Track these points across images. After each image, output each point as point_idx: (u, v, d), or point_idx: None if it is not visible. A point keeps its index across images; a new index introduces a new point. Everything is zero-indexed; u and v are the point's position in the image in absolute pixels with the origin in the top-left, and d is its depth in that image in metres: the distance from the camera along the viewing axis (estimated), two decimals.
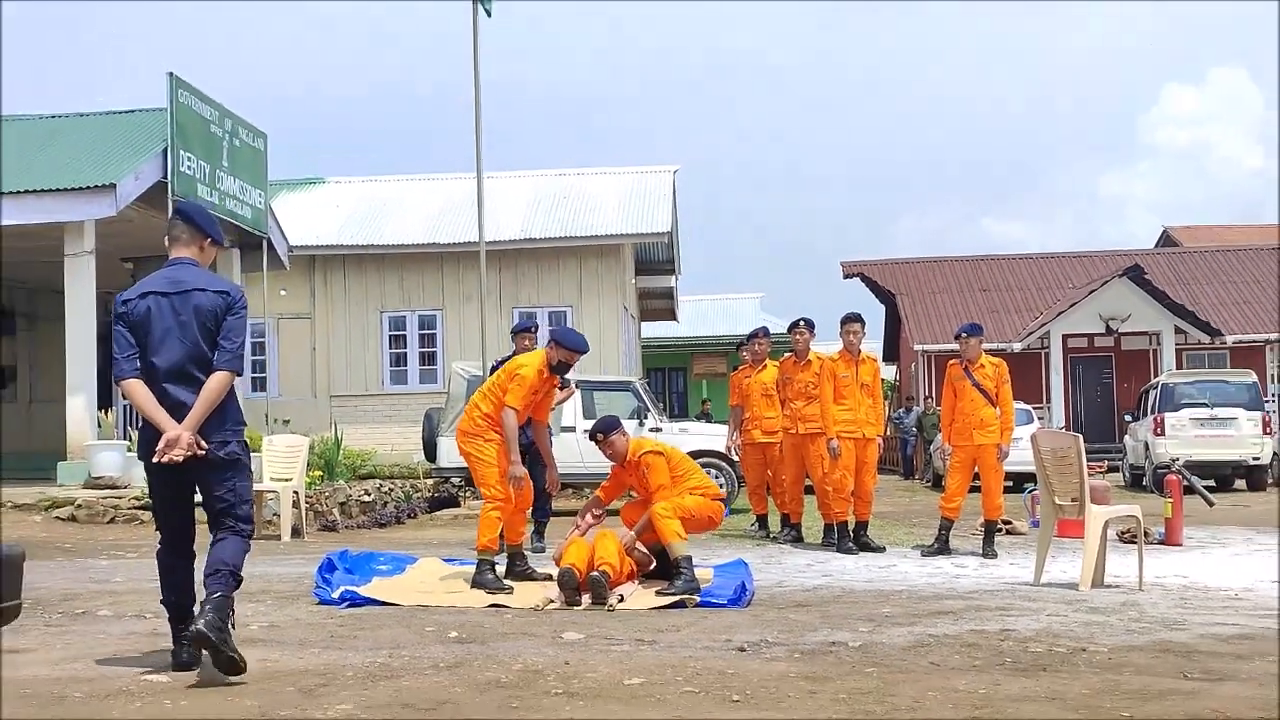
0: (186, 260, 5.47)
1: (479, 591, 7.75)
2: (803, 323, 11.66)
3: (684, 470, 8.40)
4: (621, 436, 8.34)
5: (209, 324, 5.29)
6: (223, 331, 5.30)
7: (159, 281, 5.41)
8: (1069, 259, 33.76)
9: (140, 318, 5.30)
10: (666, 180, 25.83)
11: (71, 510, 13.43)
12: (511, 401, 8.06)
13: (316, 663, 5.53)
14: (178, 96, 15.69)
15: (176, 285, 5.34)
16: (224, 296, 5.34)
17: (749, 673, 5.26)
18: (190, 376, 5.27)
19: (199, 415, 5.18)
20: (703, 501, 8.27)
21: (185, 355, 5.27)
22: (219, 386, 5.25)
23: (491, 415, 8.16)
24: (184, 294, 5.31)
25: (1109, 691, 4.88)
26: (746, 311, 38.35)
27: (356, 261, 23.69)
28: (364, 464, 18.16)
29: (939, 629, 6.44)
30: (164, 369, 5.27)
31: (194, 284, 5.35)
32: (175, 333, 5.27)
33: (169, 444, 5.12)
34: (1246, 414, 20.31)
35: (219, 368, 5.27)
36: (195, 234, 5.52)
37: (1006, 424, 10.52)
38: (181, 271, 5.42)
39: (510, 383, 8.15)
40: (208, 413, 5.21)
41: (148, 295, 5.35)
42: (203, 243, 5.54)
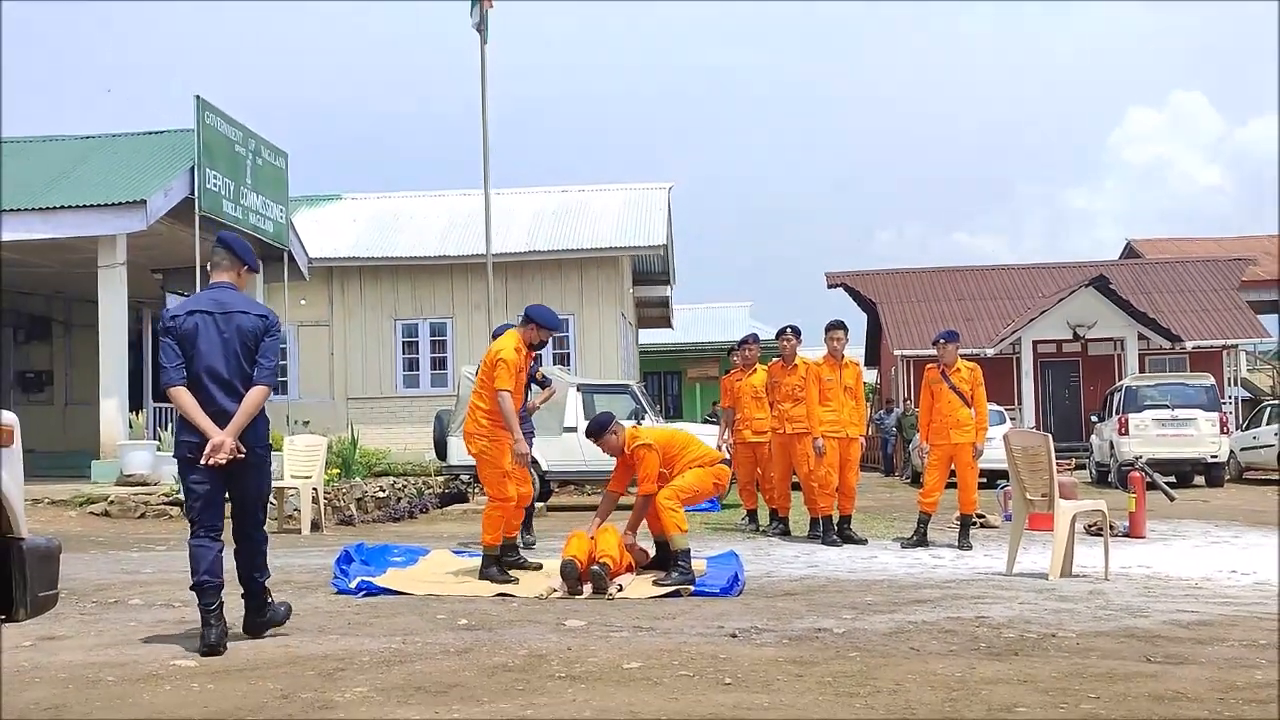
0: (227, 284, 5.80)
1: (487, 582, 7.74)
2: (790, 330, 11.67)
3: (678, 449, 8.22)
4: (613, 435, 8.17)
5: (249, 343, 5.61)
6: (261, 351, 5.64)
7: (204, 301, 5.72)
8: (1039, 269, 33.75)
9: (187, 332, 5.59)
10: (662, 196, 25.84)
11: (105, 506, 13.43)
12: (502, 385, 7.85)
13: (335, 648, 5.52)
14: (204, 118, 15.70)
15: (221, 306, 5.66)
16: (263, 320, 5.70)
17: (740, 657, 5.26)
18: (232, 387, 5.57)
19: (240, 424, 5.50)
20: (701, 473, 8.11)
21: (228, 368, 5.58)
22: (257, 399, 5.58)
23: (491, 411, 7.97)
24: (227, 314, 5.63)
25: (1077, 674, 4.88)
26: (737, 319, 38.33)
27: (372, 272, 23.69)
28: (379, 462, 18.13)
29: (918, 616, 6.43)
30: (209, 379, 5.56)
31: (236, 307, 5.68)
32: (219, 348, 5.58)
33: (214, 449, 5.42)
34: (1205, 415, 20.30)
35: (258, 382, 5.60)
36: (235, 262, 5.86)
37: (981, 424, 10.52)
38: (224, 294, 5.74)
39: (495, 370, 7.92)
40: (248, 422, 5.54)
41: (194, 313, 5.64)
42: (240, 269, 5.88)
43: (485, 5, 17.78)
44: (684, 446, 8.30)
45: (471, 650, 5.45)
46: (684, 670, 4.98)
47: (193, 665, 5.12)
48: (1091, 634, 5.85)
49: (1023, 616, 6.41)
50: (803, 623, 6.21)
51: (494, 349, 8.17)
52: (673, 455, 8.16)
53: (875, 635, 5.82)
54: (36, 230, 15.44)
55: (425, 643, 5.65)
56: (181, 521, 13.07)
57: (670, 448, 8.21)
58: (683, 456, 8.18)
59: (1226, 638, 5.74)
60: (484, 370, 8.15)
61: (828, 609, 6.72)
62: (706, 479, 8.15)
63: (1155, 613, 6.55)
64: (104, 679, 4.86)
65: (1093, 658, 5.24)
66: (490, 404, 7.97)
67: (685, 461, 8.15)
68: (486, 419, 8.02)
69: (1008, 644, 5.58)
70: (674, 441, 8.35)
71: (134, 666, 5.10)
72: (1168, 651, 5.38)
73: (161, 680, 4.84)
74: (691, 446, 8.35)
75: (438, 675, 4.91)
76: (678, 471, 8.08)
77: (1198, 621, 6.24)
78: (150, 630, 6.07)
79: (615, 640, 5.72)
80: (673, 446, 8.25)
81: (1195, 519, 13.29)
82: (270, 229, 17.78)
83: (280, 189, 18.28)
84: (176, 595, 7.31)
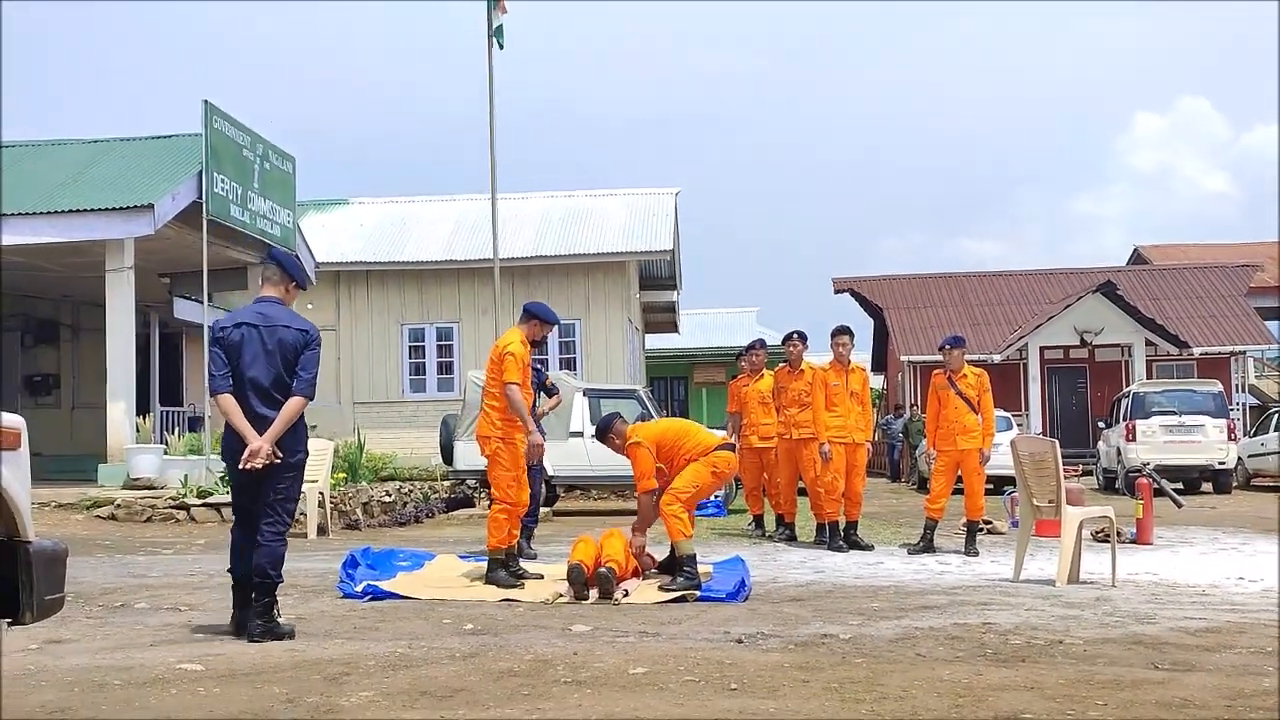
0: (274, 299, 6.14)
1: (493, 587, 7.74)
2: (796, 335, 11.66)
3: (672, 442, 7.97)
4: (615, 437, 8.03)
5: (290, 355, 5.96)
6: (300, 363, 5.98)
7: (250, 314, 6.08)
8: (1046, 275, 33.70)
9: (234, 343, 5.96)
10: (669, 201, 25.85)
11: (111, 509, 13.44)
12: (511, 378, 7.77)
13: (341, 652, 5.52)
14: (212, 122, 15.74)
15: (266, 320, 6.01)
16: (304, 334, 6.04)
17: (746, 663, 5.25)
18: (272, 396, 5.92)
19: (277, 431, 5.85)
20: (697, 467, 7.83)
21: (269, 378, 5.93)
22: (295, 409, 5.92)
23: (504, 409, 7.87)
24: (271, 328, 5.98)
25: (1084, 681, 4.87)
26: (743, 324, 38.29)
27: (379, 277, 23.73)
28: (385, 466, 18.16)
29: (924, 622, 6.42)
30: (250, 388, 5.92)
31: (280, 321, 6.03)
32: (263, 359, 5.93)
33: (252, 454, 5.79)
34: (1212, 421, 20.26)
35: (296, 393, 5.94)
36: (284, 277, 6.21)
37: (988, 430, 10.51)
38: (270, 308, 6.08)
39: (503, 364, 7.85)
40: (285, 430, 5.89)
41: (241, 325, 6.01)
42: (288, 285, 6.22)
43: (499, 10, 17.80)
44: (680, 438, 8.02)
45: (477, 655, 5.45)
46: (690, 676, 4.97)
47: (199, 669, 5.13)
48: (1098, 641, 5.84)
49: (1029, 623, 6.39)
50: (809, 628, 6.21)
51: (500, 344, 8.09)
52: (669, 449, 7.92)
53: (881, 641, 5.81)
54: (44, 234, 15.48)
55: (431, 647, 5.65)
56: (187, 526, 13.12)
57: (664, 441, 7.96)
58: (680, 450, 7.93)
59: (1234, 645, 5.73)
60: (491, 368, 8.07)
61: (834, 615, 6.71)
62: (704, 472, 7.85)
63: (1162, 619, 6.53)
64: (110, 682, 4.86)
65: (1100, 664, 5.23)
66: (503, 401, 7.86)
67: (683, 456, 7.91)
68: (500, 419, 7.91)
69: (1014, 650, 5.56)
70: (667, 434, 8.07)
71: (140, 670, 5.10)
72: (1175, 659, 5.37)
73: (168, 684, 4.84)
74: (688, 438, 8.06)
75: (443, 680, 4.91)
76: (677, 468, 7.87)
77: (1205, 628, 6.22)
78: (156, 634, 6.08)
79: (621, 645, 5.71)
80: (667, 439, 7.99)
81: (1203, 526, 13.25)
82: (277, 233, 17.81)
83: (287, 193, 18.31)
84: (183, 599, 7.33)
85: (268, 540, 5.95)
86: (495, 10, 17.82)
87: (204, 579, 8.44)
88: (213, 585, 8.04)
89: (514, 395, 7.79)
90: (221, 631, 6.14)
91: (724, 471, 8.09)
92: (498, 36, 17.94)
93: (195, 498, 13.53)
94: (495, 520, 7.94)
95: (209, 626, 6.32)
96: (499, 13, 17.84)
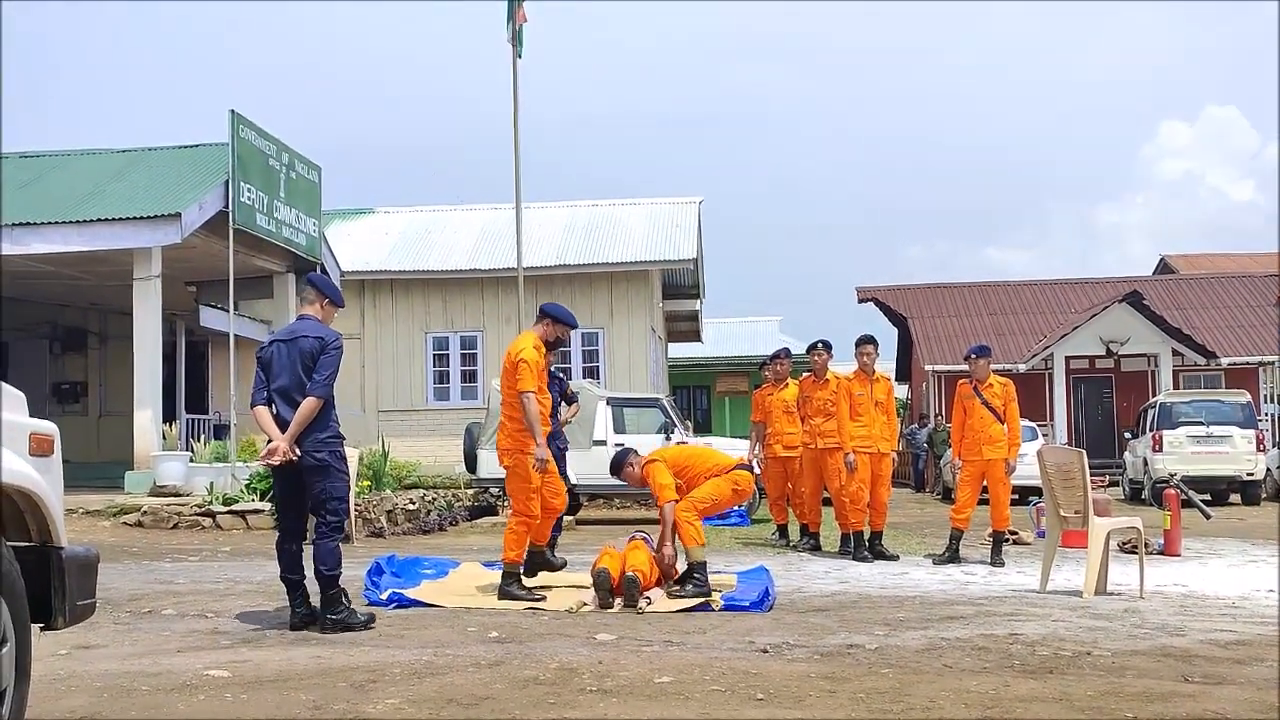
0: (309, 316, 6.76)
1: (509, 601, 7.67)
2: (821, 344, 11.65)
3: (687, 461, 8.16)
4: (631, 467, 8.13)
5: (308, 361, 6.49)
6: (316, 366, 6.47)
7: (284, 332, 6.79)
8: (1071, 285, 33.52)
9: (268, 359, 6.61)
10: (692, 210, 25.86)
11: (138, 516, 13.51)
12: (526, 386, 7.53)
13: (366, 660, 5.54)
14: (239, 132, 15.84)
15: (292, 334, 6.67)
16: (320, 340, 6.55)
17: (771, 673, 5.24)
18: (293, 399, 6.47)
19: (294, 431, 6.38)
20: (718, 482, 7.99)
21: (292, 384, 6.48)
22: (309, 409, 6.40)
23: (521, 419, 7.64)
24: (294, 340, 6.59)
25: (1113, 693, 4.83)
26: (766, 333, 38.26)
27: (403, 285, 23.81)
28: (409, 475, 18.19)
29: (951, 633, 6.39)
30: (279, 396, 6.51)
31: (303, 332, 6.62)
32: (287, 368, 6.52)
33: (270, 452, 6.40)
34: (1241, 432, 20.10)
35: (309, 393, 6.43)
36: (318, 295, 6.82)
37: (1013, 440, 10.44)
38: (301, 324, 6.75)
39: (517, 371, 7.60)
40: (300, 429, 6.39)
41: (274, 342, 6.69)
42: (322, 302, 6.82)
43: (519, 19, 17.87)
44: (696, 459, 8.27)
45: (503, 663, 5.46)
46: (715, 685, 4.97)
47: (226, 675, 5.15)
48: (1127, 653, 5.80)
49: (1057, 634, 6.36)
50: (834, 639, 6.19)
51: (513, 351, 7.79)
52: (685, 468, 8.09)
53: (908, 652, 5.79)
54: (73, 243, 15.60)
55: (456, 655, 5.66)
56: (213, 533, 13.19)
57: (679, 460, 8.21)
58: (696, 469, 8.10)
59: (1265, 658, 5.68)
60: (505, 377, 7.81)
61: (859, 625, 6.69)
62: (724, 486, 8.02)
63: (1192, 632, 6.48)
64: (138, 688, 4.89)
65: (1129, 676, 5.19)
66: (519, 411, 7.63)
67: (700, 473, 8.07)
68: (518, 431, 7.67)
69: (1042, 662, 5.53)
70: (683, 454, 8.42)
71: (168, 676, 5.13)
72: (1205, 671, 5.32)
73: (195, 690, 4.87)
74: (705, 458, 8.30)
75: (469, 688, 4.92)
76: (693, 485, 8.02)
77: (1235, 641, 6.17)
78: (184, 640, 6.11)
79: (646, 654, 5.71)
80: (682, 459, 8.27)
81: (1231, 537, 13.14)
82: (303, 242, 17.91)
83: (313, 202, 18.41)
84: (210, 606, 7.37)
85: (317, 539, 6.45)
86: (515, 18, 17.88)
87: (230, 586, 8.48)
88: (238, 592, 8.09)
89: (530, 406, 7.53)
90: (248, 638, 6.18)
91: (744, 489, 8.28)
92: (517, 44, 18.00)
93: (221, 505, 13.59)
94: (515, 533, 7.73)
95: (235, 633, 6.35)
96: (518, 20, 17.90)
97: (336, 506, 6.52)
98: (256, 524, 13.23)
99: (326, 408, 6.48)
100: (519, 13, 17.93)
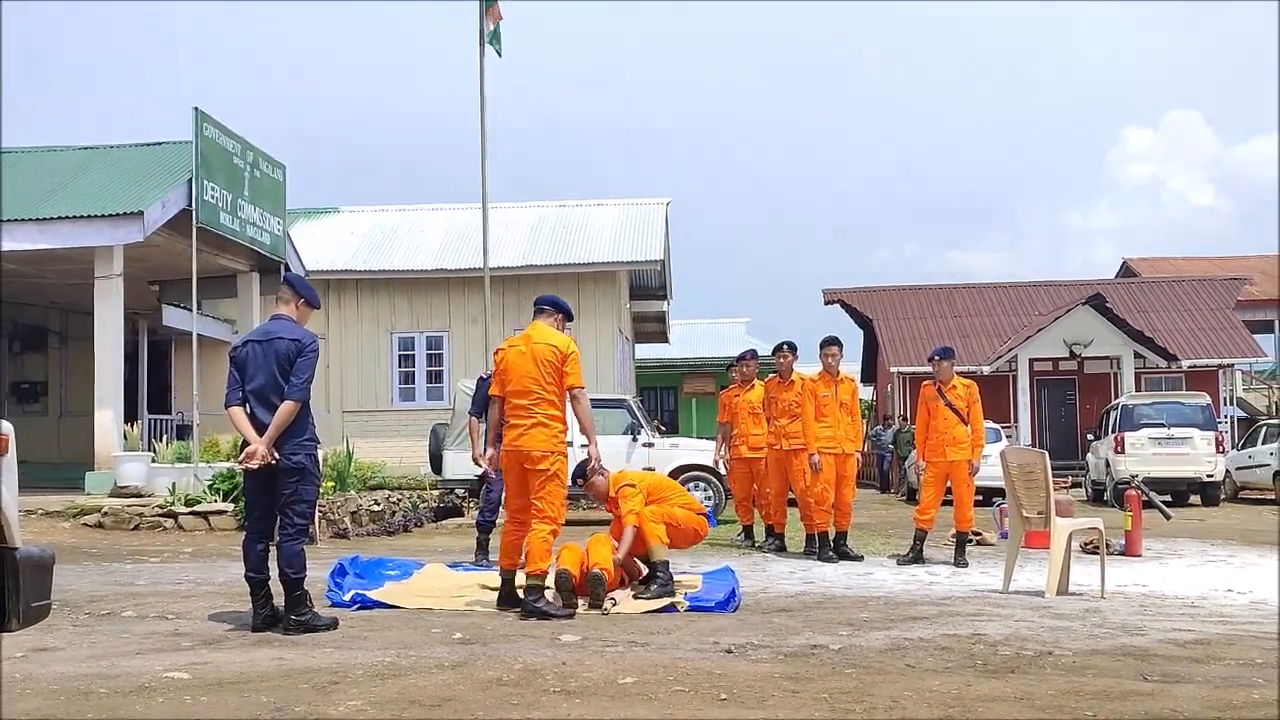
0: (283, 316, 6.67)
1: (486, 594, 7.58)
2: (786, 346, 11.67)
3: (666, 491, 8.42)
4: (600, 477, 8.06)
5: (284, 364, 6.43)
6: (293, 369, 6.43)
7: (258, 332, 6.71)
8: (1035, 288, 33.77)
9: (242, 360, 6.52)
10: (659, 211, 25.88)
11: (98, 517, 13.38)
12: (582, 380, 7.21)
13: (329, 661, 5.50)
14: (203, 130, 15.70)
15: (267, 335, 6.58)
16: (296, 343, 6.49)
17: (735, 673, 5.24)
18: (269, 402, 6.42)
19: (271, 435, 6.32)
20: (688, 514, 8.32)
21: (268, 387, 6.42)
22: (287, 412, 6.36)
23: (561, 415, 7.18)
24: (269, 341, 6.51)
25: (1074, 692, 4.87)
26: (734, 335, 38.33)
27: (369, 285, 23.70)
28: (374, 475, 18.10)
29: (914, 633, 6.42)
30: (254, 398, 6.45)
31: (278, 333, 6.53)
32: (262, 370, 6.45)
33: (248, 455, 6.32)
34: (1201, 434, 20.30)
35: (287, 397, 6.38)
36: (294, 295, 6.73)
37: (977, 441, 10.51)
38: (274, 325, 6.66)
39: (567, 365, 7.13)
40: (279, 433, 6.34)
41: (248, 343, 6.59)
42: (297, 302, 6.73)
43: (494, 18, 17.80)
44: (670, 490, 8.53)
45: (466, 664, 5.43)
46: (679, 686, 4.96)
47: (185, 678, 5.10)
48: (1088, 652, 5.84)
49: (1019, 634, 6.40)
50: (799, 639, 6.20)
51: (558, 343, 7.21)
52: (658, 497, 8.26)
53: (871, 652, 5.81)
54: (33, 241, 15.41)
55: (420, 656, 5.63)
56: (175, 534, 13.06)
57: (655, 490, 8.35)
58: (668, 500, 8.33)
59: (1223, 656, 5.74)
60: (545, 370, 7.12)
61: (824, 625, 6.70)
62: (689, 521, 8.30)
63: (1152, 631, 6.54)
64: (96, 690, 4.84)
65: (1089, 676, 5.23)
66: (564, 410, 7.16)
67: (673, 503, 8.32)
68: (564, 432, 7.18)
69: (1004, 661, 5.56)
70: (659, 484, 8.55)
71: (126, 678, 5.08)
72: (1164, 670, 5.37)
73: (154, 692, 4.82)
74: (678, 492, 8.61)
75: (432, 689, 4.89)
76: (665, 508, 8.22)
77: (1194, 640, 6.23)
78: (143, 642, 6.05)
79: (610, 655, 5.70)
80: (659, 489, 8.41)
81: (1191, 538, 13.29)
82: (267, 241, 17.78)
83: (278, 201, 18.27)
84: (170, 607, 7.30)
85: (282, 541, 6.39)
86: (488, 18, 17.83)
87: (191, 587, 8.40)
88: (200, 594, 8.02)
89: (588, 403, 7.24)
90: (209, 639, 6.12)
91: (701, 535, 8.53)
92: (494, 43, 17.94)
93: (183, 506, 13.47)
94: (545, 541, 7.08)
95: (196, 634, 6.29)
96: (492, 20, 17.84)
97: (305, 510, 6.50)
98: (219, 525, 13.13)
99: (303, 411, 6.45)
100: (493, 11, 17.87)
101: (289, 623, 6.34)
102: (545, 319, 7.42)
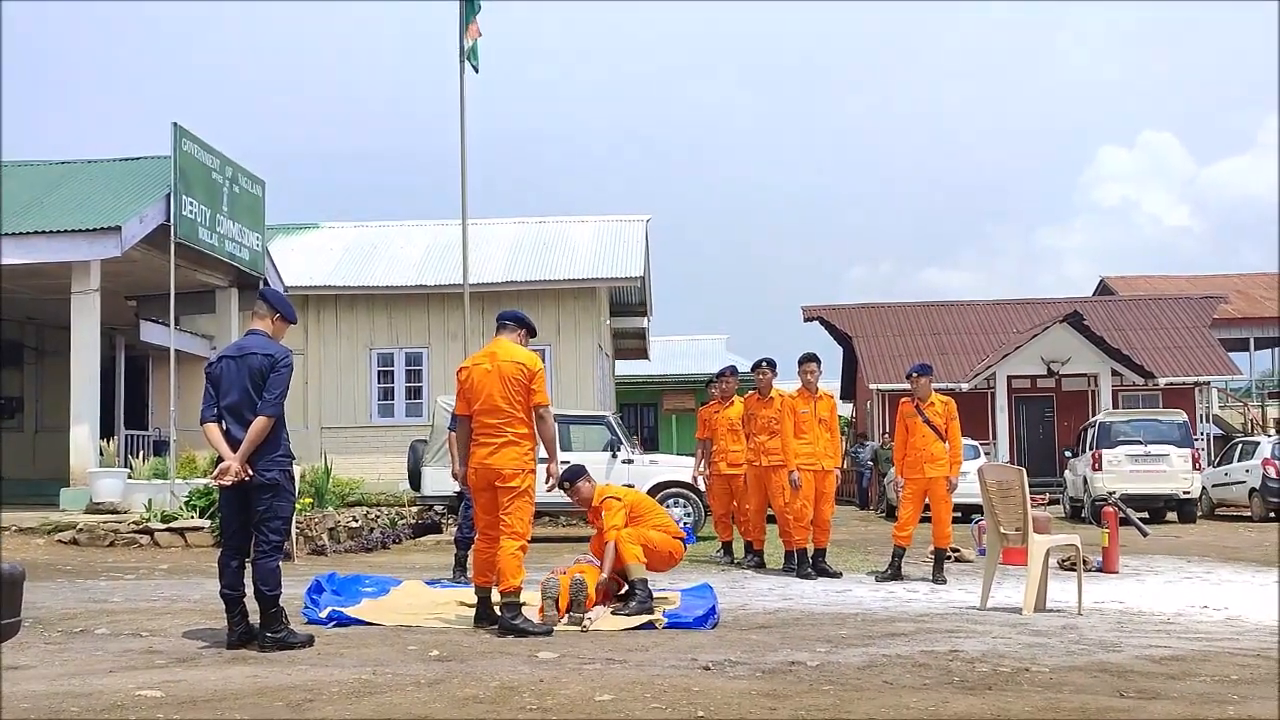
0: (258, 331, 6.67)
1: (463, 611, 7.57)
2: (765, 363, 11.69)
3: (645, 511, 8.43)
4: (586, 483, 8.34)
5: (258, 379, 6.41)
6: (266, 385, 6.41)
7: (233, 348, 6.66)
8: (1013, 305, 33.95)
9: (217, 375, 6.53)
10: (639, 228, 25.91)
11: (73, 534, 13.27)
12: (548, 399, 7.21)
13: (304, 679, 5.46)
14: (181, 145, 15.65)
15: (241, 350, 6.55)
16: (269, 358, 6.47)
17: (713, 690, 5.23)
18: (243, 418, 6.40)
19: (245, 451, 6.31)
20: (665, 537, 8.33)
21: (242, 402, 6.41)
22: (260, 428, 6.34)
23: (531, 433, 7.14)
24: (244, 356, 6.49)
25: (1050, 709, 4.87)
26: (713, 351, 38.35)
27: (348, 301, 23.62)
28: (352, 492, 18.03)
29: (892, 650, 6.42)
30: (228, 413, 6.45)
31: (252, 349, 6.52)
32: (236, 385, 6.43)
33: (222, 471, 6.31)
34: (1177, 451, 20.43)
35: (260, 412, 6.36)
36: (269, 310, 6.74)
37: (955, 458, 10.54)
38: (249, 340, 6.63)
39: (534, 383, 7.09)
40: (252, 448, 6.32)
41: (223, 359, 6.57)
42: (273, 317, 6.74)
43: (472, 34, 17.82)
44: (651, 510, 8.53)
45: (443, 682, 5.40)
46: (656, 703, 4.95)
47: (159, 696, 5.05)
48: (1065, 669, 5.85)
49: (996, 650, 6.40)
50: (777, 655, 6.19)
51: (524, 360, 7.16)
52: (638, 516, 8.29)
53: (849, 668, 5.80)
54: (9, 255, 15.30)
55: (396, 674, 5.60)
56: (151, 550, 12.97)
57: (638, 508, 8.38)
58: (648, 520, 8.35)
59: (1199, 673, 5.75)
60: (513, 388, 7.08)
61: (802, 642, 6.70)
62: (666, 543, 8.31)
63: (1128, 648, 6.56)
64: (67, 709, 4.79)
65: (1066, 692, 5.24)
66: (532, 428, 7.14)
67: (650, 525, 8.33)
68: (533, 449, 7.17)
69: (981, 678, 5.57)
70: (640, 503, 8.55)
71: (99, 697, 5.03)
72: (1140, 686, 5.38)
73: (126, 710, 4.77)
74: (659, 513, 8.60)
75: (408, 707, 4.86)
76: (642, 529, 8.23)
77: (1170, 656, 6.25)
78: (116, 660, 5.99)
79: (587, 673, 5.68)
80: (640, 508, 8.43)
81: (1168, 555, 13.33)
82: (246, 257, 17.71)
83: (257, 217, 18.21)
84: (145, 624, 7.24)
85: (257, 558, 6.36)
86: (467, 34, 17.84)
87: (166, 604, 8.33)
88: (175, 611, 7.95)
89: (552, 421, 7.26)
90: (184, 657, 6.07)
91: (676, 558, 8.54)
92: (471, 59, 17.96)
93: (159, 522, 13.37)
94: (515, 557, 7.01)
95: (171, 652, 6.24)
96: (470, 36, 17.86)
97: (280, 526, 6.48)
98: (195, 541, 13.04)
99: (277, 426, 6.45)
100: (472, 27, 17.89)
101: (264, 640, 6.30)
102: (508, 334, 7.38)
